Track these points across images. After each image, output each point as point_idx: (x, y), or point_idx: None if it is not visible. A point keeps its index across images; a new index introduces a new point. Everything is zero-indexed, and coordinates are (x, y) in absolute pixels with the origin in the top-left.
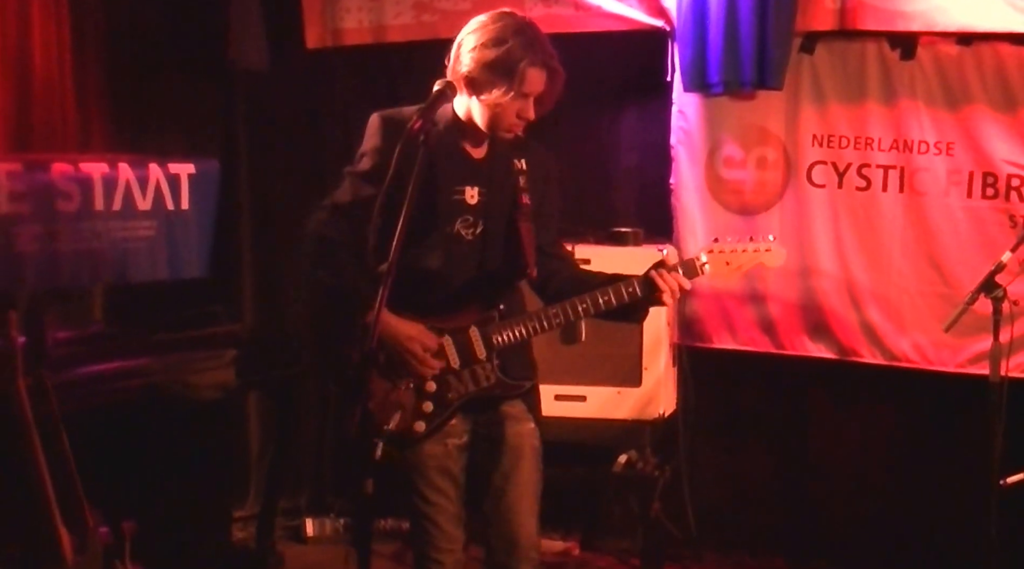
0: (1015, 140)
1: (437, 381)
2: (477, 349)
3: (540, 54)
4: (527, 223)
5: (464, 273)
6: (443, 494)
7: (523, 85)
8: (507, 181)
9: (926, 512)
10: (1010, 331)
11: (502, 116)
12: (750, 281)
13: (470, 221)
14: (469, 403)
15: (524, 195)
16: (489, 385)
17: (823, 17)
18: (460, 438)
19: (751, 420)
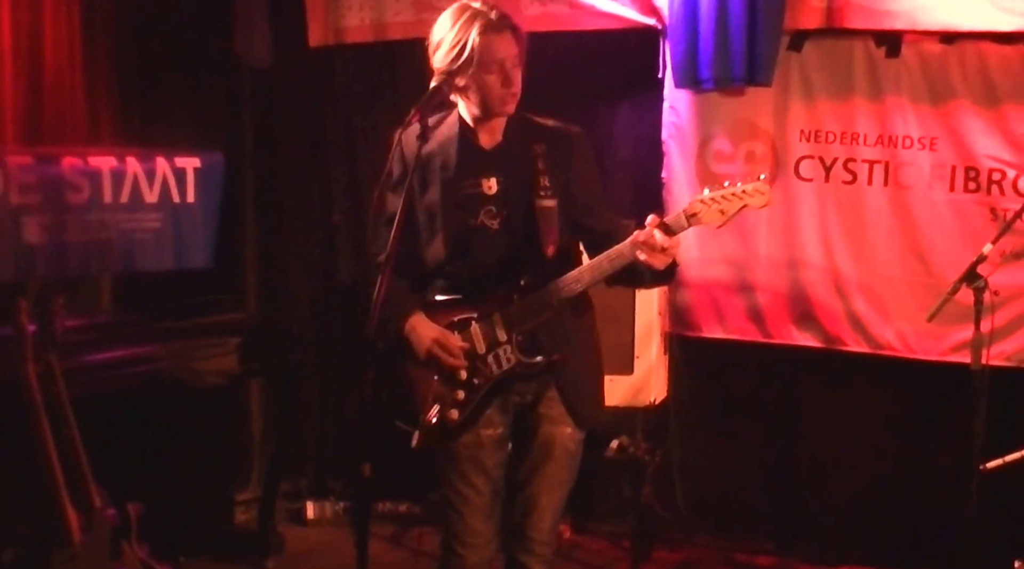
0: (996, 136)
1: (467, 369)
2: (499, 332)
3: (487, 20)
4: (547, 203)
5: (491, 261)
6: (472, 487)
7: (485, 54)
8: (524, 166)
9: (910, 495)
10: (991, 320)
11: (489, 94)
12: (739, 272)
13: (493, 211)
14: (501, 391)
15: (543, 177)
16: (510, 366)
17: (811, 15)
18: (495, 429)
19: (740, 406)
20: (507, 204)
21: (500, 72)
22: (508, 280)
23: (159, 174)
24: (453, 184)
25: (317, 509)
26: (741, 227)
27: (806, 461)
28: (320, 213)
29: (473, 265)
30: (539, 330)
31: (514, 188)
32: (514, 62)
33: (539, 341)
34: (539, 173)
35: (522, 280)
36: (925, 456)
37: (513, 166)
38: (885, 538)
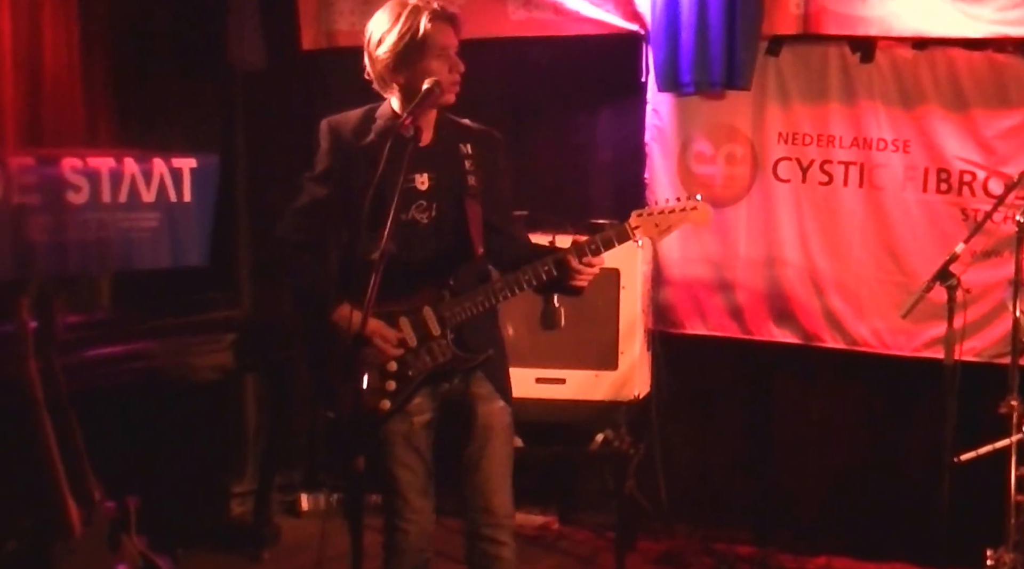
0: (966, 138)
1: (398, 361)
2: (432, 327)
3: (432, 9)
4: (474, 203)
5: (420, 256)
6: (408, 468)
7: (436, 41)
8: (454, 165)
9: (885, 487)
10: (962, 317)
11: (430, 76)
12: (720, 270)
13: (424, 206)
14: (431, 380)
15: (470, 177)
16: (446, 360)
17: (787, 22)
18: (425, 415)
19: (721, 401)
20: (438, 200)
21: (447, 58)
22: (437, 276)
23: (156, 174)
24: (386, 177)
25: (311, 501)
26: (721, 227)
27: (785, 454)
28: None
29: (400, 259)
30: (473, 322)
31: (445, 185)
32: (456, 51)
33: (466, 336)
34: (467, 173)
35: (452, 277)
36: (899, 448)
37: (444, 164)
38: (861, 528)
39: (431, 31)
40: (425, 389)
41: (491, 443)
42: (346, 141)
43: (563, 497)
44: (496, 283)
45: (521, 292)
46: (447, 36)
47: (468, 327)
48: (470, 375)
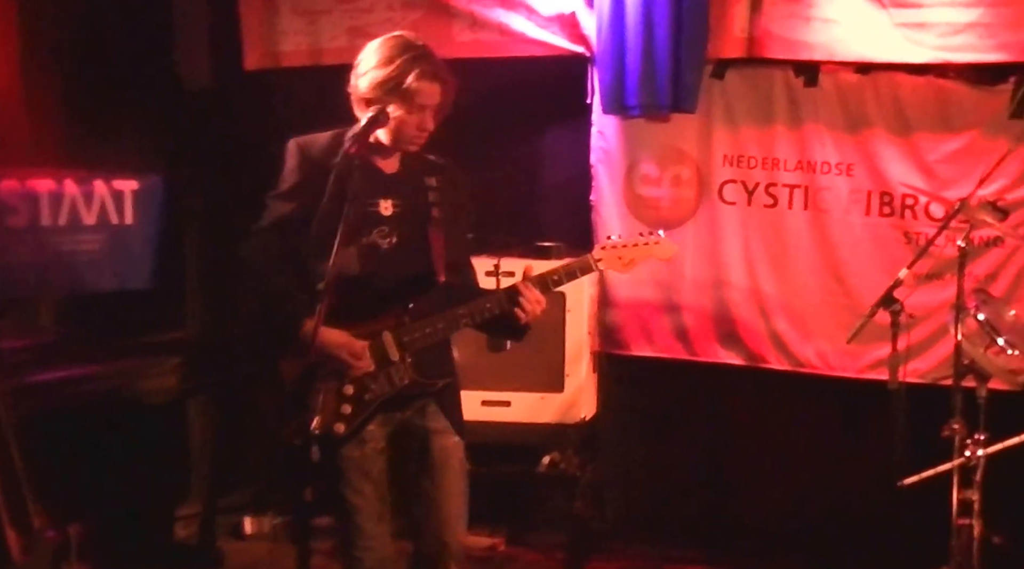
0: (909, 163)
1: (355, 384)
2: (391, 352)
3: (428, 67)
4: (438, 232)
5: (381, 280)
6: (361, 494)
7: (415, 98)
8: (418, 194)
9: (834, 506)
10: (907, 339)
11: (403, 130)
12: (666, 292)
13: (386, 231)
14: (386, 408)
15: (435, 208)
16: (404, 385)
17: (733, 45)
18: (378, 442)
19: (668, 422)
20: (400, 227)
21: (421, 116)
22: (397, 301)
23: (97, 196)
24: (351, 201)
25: (255, 524)
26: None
27: (733, 474)
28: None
29: (360, 282)
30: (432, 351)
31: (409, 213)
32: (436, 110)
33: (424, 362)
34: (432, 204)
35: (411, 303)
36: (849, 469)
37: (408, 192)
38: (810, 547)
39: (415, 88)
40: (379, 416)
41: (447, 479)
42: (314, 160)
43: (511, 519)
44: (457, 310)
45: (481, 320)
46: (430, 96)
47: (426, 354)
48: (425, 407)
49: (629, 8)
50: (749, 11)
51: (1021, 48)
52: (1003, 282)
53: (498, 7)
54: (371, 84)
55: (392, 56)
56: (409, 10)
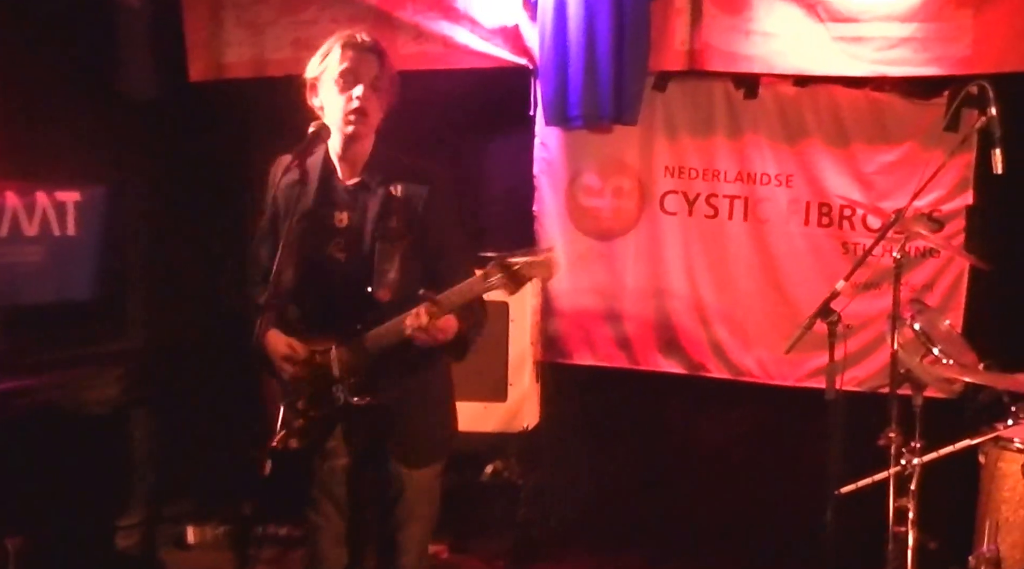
0: (846, 174)
1: (307, 399)
2: (335, 368)
3: (351, 38)
4: (389, 247)
5: (336, 294)
6: (323, 515)
7: (340, 64)
8: (377, 205)
9: (772, 513)
10: (844, 348)
11: (334, 110)
12: (608, 302)
13: (342, 244)
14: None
15: (393, 218)
16: (342, 403)
17: (674, 58)
18: (340, 460)
19: (610, 430)
20: (356, 240)
21: (349, 84)
22: (350, 316)
23: (39, 208)
24: (308, 214)
25: (198, 533)
26: (609, 259)
27: (673, 481)
28: (206, 243)
29: (319, 296)
30: (378, 369)
31: (363, 225)
32: (371, 83)
33: (377, 380)
34: (390, 213)
35: (360, 319)
36: (786, 476)
37: (366, 203)
38: (750, 553)
39: (340, 56)
40: (339, 434)
41: (403, 503)
42: (278, 176)
43: (454, 526)
44: (379, 330)
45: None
46: (356, 64)
47: (382, 369)
48: (388, 429)
49: (571, 21)
50: (690, 25)
51: (954, 62)
52: (938, 292)
53: (442, 19)
54: (311, 66)
55: (324, 49)
56: (354, 22)
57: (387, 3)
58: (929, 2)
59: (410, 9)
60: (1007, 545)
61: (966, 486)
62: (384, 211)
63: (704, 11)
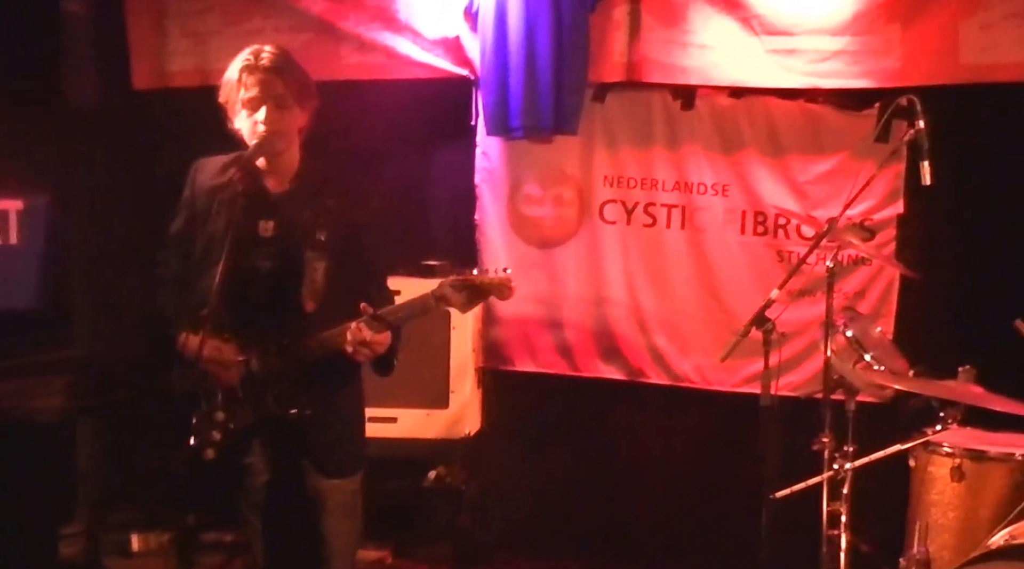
0: (781, 184)
1: (224, 410)
2: (257, 379)
3: (250, 60)
4: (316, 257)
5: (259, 303)
6: (251, 526)
7: (244, 91)
8: (305, 216)
9: (710, 516)
10: (779, 355)
11: (244, 129)
12: (549, 309)
13: (267, 253)
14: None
15: (320, 231)
16: (261, 415)
17: (612, 70)
18: (263, 476)
19: (551, 436)
20: (281, 250)
21: (252, 107)
22: (273, 327)
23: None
24: (233, 222)
25: (142, 541)
26: (550, 267)
27: (614, 486)
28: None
29: (242, 305)
30: (303, 381)
31: (289, 234)
32: (276, 103)
33: (296, 393)
34: (317, 226)
35: (284, 330)
36: (725, 480)
37: (294, 214)
38: (687, 558)
39: (240, 83)
40: (257, 447)
41: (324, 518)
42: (200, 181)
43: (398, 532)
44: (309, 342)
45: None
46: (258, 86)
47: (301, 382)
48: (305, 443)
49: (512, 33)
50: (628, 37)
51: (884, 75)
52: (870, 299)
53: (385, 30)
54: (220, 99)
55: (227, 76)
56: (297, 32)
57: (330, 14)
58: (859, 16)
59: (353, 20)
60: (936, 547)
61: (897, 489)
62: (311, 222)
63: (642, 24)
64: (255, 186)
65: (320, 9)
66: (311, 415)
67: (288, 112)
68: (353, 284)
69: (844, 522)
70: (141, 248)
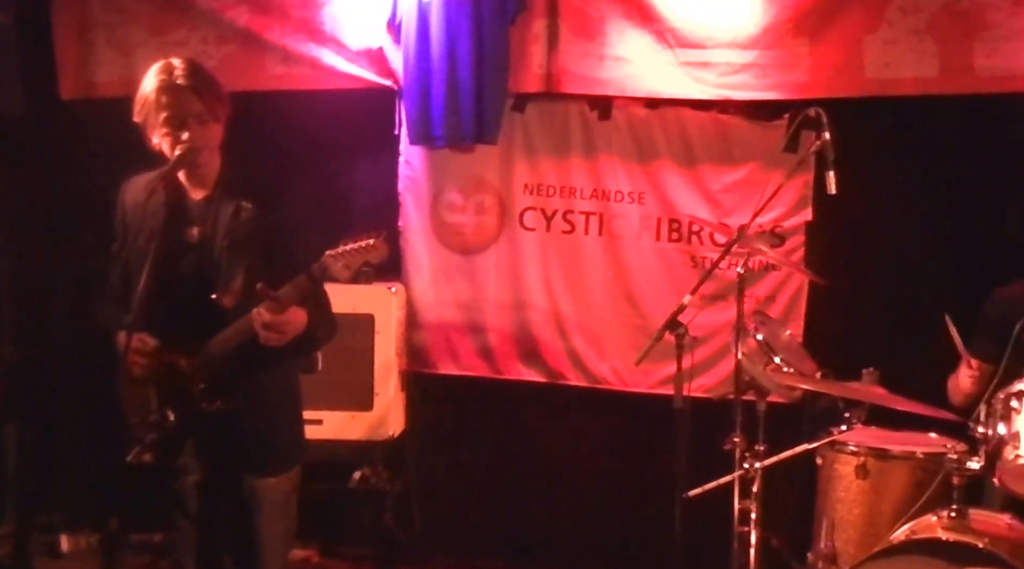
0: (695, 192)
1: (158, 411)
2: (183, 379)
3: (165, 79)
4: (235, 255)
5: (186, 307)
6: (179, 529)
7: (160, 110)
8: (225, 220)
9: (626, 515)
10: (691, 358)
11: (165, 146)
12: (471, 314)
13: (194, 258)
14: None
15: (241, 231)
16: (194, 410)
17: (532, 81)
18: (193, 475)
19: (473, 437)
20: (206, 253)
21: (172, 126)
22: (198, 328)
23: None
24: (158, 232)
25: (71, 542)
26: (471, 273)
27: (535, 487)
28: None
29: (169, 309)
30: (225, 374)
31: (212, 238)
32: (196, 120)
33: (224, 390)
34: (238, 226)
35: (208, 328)
36: (640, 479)
37: (216, 218)
38: (604, 556)
39: (155, 102)
40: (190, 449)
41: (256, 518)
42: (128, 198)
43: (324, 531)
44: (225, 335)
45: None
46: (175, 104)
47: (230, 380)
48: (238, 441)
49: (434, 45)
50: (547, 49)
51: (792, 87)
52: (780, 304)
53: (309, 42)
54: (135, 111)
55: (147, 79)
56: (222, 44)
57: (255, 25)
58: (769, 31)
59: (278, 31)
60: (842, 541)
61: (805, 487)
62: (233, 224)
63: (560, 37)
64: (178, 196)
65: (245, 21)
66: (238, 407)
67: (207, 127)
68: (279, 280)
69: (754, 519)
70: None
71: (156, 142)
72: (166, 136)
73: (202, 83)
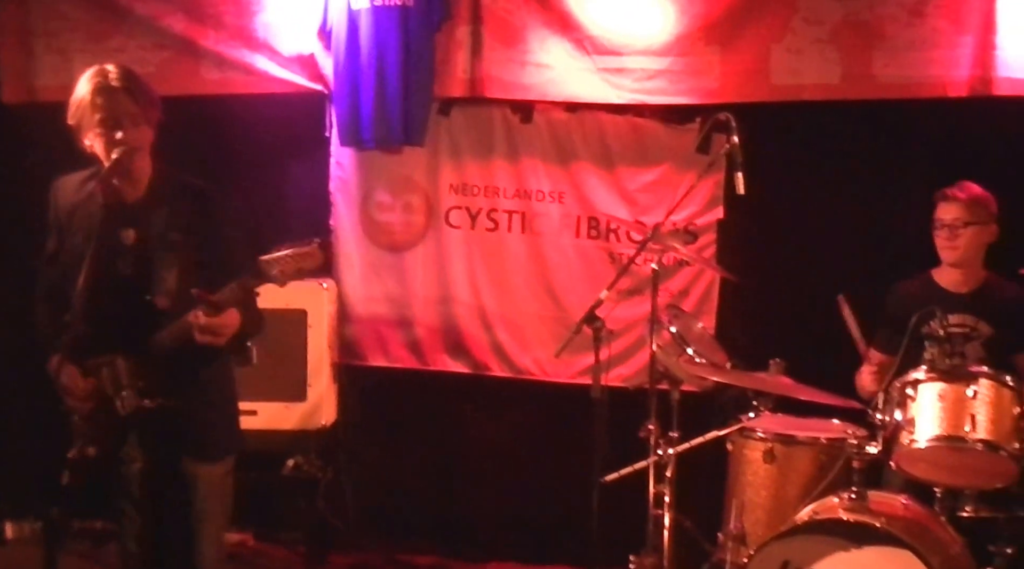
0: (612, 192)
1: (100, 409)
2: (123, 376)
3: (99, 80)
4: (170, 256)
5: (124, 307)
6: (124, 514)
7: (95, 112)
8: (162, 221)
9: (548, 501)
10: (609, 349)
11: (100, 148)
12: (399, 308)
13: (129, 260)
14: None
15: (175, 232)
16: (132, 410)
17: (457, 86)
18: (136, 463)
19: (403, 427)
20: (141, 255)
21: (107, 127)
22: (135, 326)
23: None
24: (95, 234)
25: (16, 529)
26: (400, 269)
27: (462, 473)
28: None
29: (107, 311)
30: (163, 373)
31: (148, 239)
32: (130, 122)
33: (162, 384)
34: (172, 227)
35: (144, 329)
36: (561, 466)
37: (151, 219)
38: (527, 538)
39: (90, 104)
40: (133, 438)
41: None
42: (61, 198)
43: (259, 517)
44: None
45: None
46: (110, 106)
47: (161, 376)
48: (178, 430)
49: (363, 51)
50: (471, 55)
51: (704, 93)
52: (693, 298)
53: (243, 48)
54: (70, 114)
55: (82, 83)
56: (158, 50)
57: (191, 32)
58: (681, 39)
59: (212, 38)
60: (750, 522)
61: (717, 471)
62: (167, 225)
63: (484, 44)
64: (113, 198)
65: (181, 28)
66: (173, 405)
67: (140, 129)
68: (213, 281)
69: (668, 502)
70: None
71: (89, 144)
72: (100, 137)
73: (135, 86)
